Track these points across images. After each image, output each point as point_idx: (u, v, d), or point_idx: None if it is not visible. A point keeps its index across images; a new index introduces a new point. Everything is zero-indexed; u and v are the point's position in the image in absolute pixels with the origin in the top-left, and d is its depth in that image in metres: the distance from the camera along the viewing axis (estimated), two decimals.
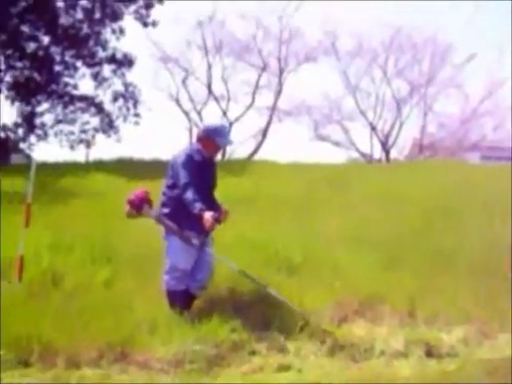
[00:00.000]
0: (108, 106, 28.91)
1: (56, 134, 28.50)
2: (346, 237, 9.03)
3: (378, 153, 36.30)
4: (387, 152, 35.79)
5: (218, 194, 6.70)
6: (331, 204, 11.61)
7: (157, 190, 6.69)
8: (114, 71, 28.78)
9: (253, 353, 5.66)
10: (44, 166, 14.23)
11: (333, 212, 10.77)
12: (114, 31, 28.03)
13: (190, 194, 6.07)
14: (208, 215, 5.95)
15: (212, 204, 6.39)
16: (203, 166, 6.39)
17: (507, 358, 5.35)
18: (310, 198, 12.10)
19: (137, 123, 29.57)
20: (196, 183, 6.15)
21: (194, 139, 6.64)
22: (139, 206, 6.36)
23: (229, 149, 34.76)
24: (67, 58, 27.94)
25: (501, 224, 7.48)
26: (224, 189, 11.33)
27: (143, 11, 27.90)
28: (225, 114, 36.24)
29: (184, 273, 6.27)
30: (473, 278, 7.15)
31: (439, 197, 11.52)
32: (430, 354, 5.74)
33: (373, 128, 36.12)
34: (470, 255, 7.79)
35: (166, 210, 6.35)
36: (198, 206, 6.00)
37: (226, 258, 6.54)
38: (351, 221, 9.87)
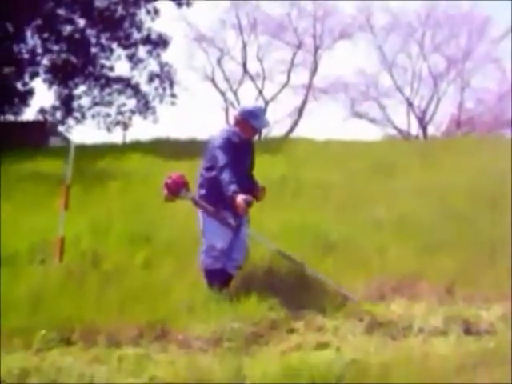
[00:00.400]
0: (144, 87, 29.03)
1: (93, 117, 28.72)
2: (387, 219, 9.00)
3: (414, 129, 36.03)
4: (424, 128, 35.52)
5: (256, 173, 6.72)
6: (371, 185, 11.53)
7: (194, 169, 6.75)
8: (150, 52, 28.83)
9: (291, 331, 5.66)
10: (82, 149, 14.31)
11: (374, 193, 10.71)
12: (148, 12, 28.05)
13: (226, 176, 6.11)
14: (240, 198, 5.98)
15: (250, 184, 6.48)
16: (241, 148, 6.42)
17: None
18: (349, 178, 12.03)
19: (173, 103, 29.66)
20: (233, 165, 6.17)
21: (231, 122, 6.64)
22: (176, 190, 6.44)
23: (265, 128, 34.81)
24: (103, 40, 28.04)
25: None
26: (261, 168, 11.39)
27: None
28: (260, 93, 36.26)
29: (221, 252, 6.32)
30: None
31: (484, 179, 11.34)
32: (468, 331, 5.69)
33: (410, 104, 35.84)
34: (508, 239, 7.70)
35: (202, 192, 6.41)
36: (232, 187, 6.04)
37: (264, 237, 6.57)
38: (393, 204, 9.80)
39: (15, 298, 5.99)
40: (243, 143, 6.49)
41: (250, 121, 6.45)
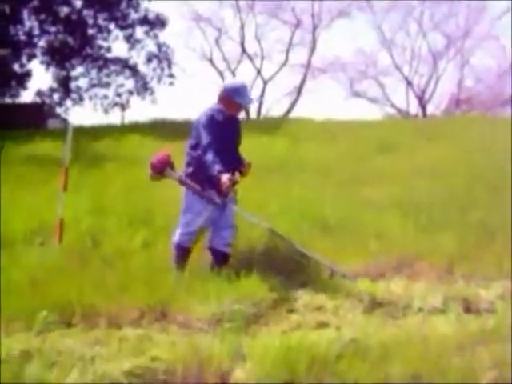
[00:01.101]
0: (142, 67, 29.07)
1: (91, 98, 28.75)
2: (385, 201, 9.00)
3: (414, 108, 35.98)
4: (424, 107, 35.48)
5: (254, 153, 6.74)
6: (371, 164, 11.53)
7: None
8: (147, 32, 28.81)
9: (291, 311, 5.70)
10: (80, 130, 14.34)
11: (374, 173, 10.71)
12: None
13: (210, 156, 6.16)
14: (225, 178, 6.03)
15: (236, 160, 6.56)
16: (225, 125, 6.46)
17: None
18: (348, 160, 12.02)
19: (171, 84, 29.70)
20: (217, 144, 6.24)
21: (216, 99, 6.64)
22: (161, 169, 6.52)
23: (264, 107, 34.82)
24: (100, 21, 28.01)
25: None
26: (261, 147, 11.39)
27: None
28: (259, 72, 36.18)
29: (195, 231, 6.43)
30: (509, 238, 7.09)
31: (484, 158, 11.33)
32: (468, 310, 5.72)
33: (409, 83, 35.79)
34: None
35: (189, 170, 6.48)
36: (216, 167, 6.09)
37: (253, 215, 6.59)
38: (393, 184, 9.80)
39: (15, 280, 6.01)
40: (228, 120, 6.52)
41: (235, 97, 6.48)
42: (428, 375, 4.13)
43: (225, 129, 6.44)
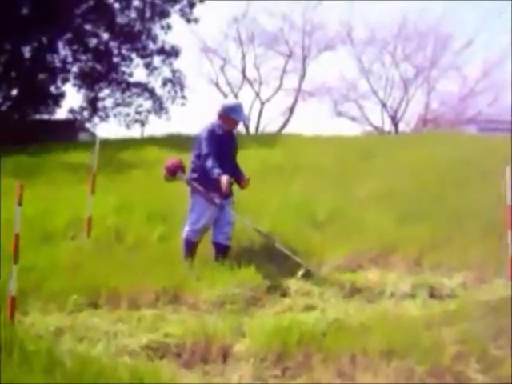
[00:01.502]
0: (158, 90, 28.91)
1: (115, 116, 28.62)
2: (367, 198, 8.99)
3: (388, 126, 35.94)
4: (396, 125, 35.39)
5: (255, 161, 6.74)
6: (356, 171, 11.52)
7: None
8: (163, 61, 28.70)
9: (283, 295, 5.70)
10: (106, 142, 14.26)
11: (357, 178, 10.70)
12: (162, 27, 27.93)
13: (209, 162, 6.23)
14: (224, 179, 6.08)
15: (235, 171, 6.58)
16: (223, 138, 6.51)
17: (501, 299, 5.31)
18: (335, 165, 12.00)
19: (183, 104, 29.52)
20: (216, 153, 6.30)
21: (216, 116, 6.65)
22: (174, 171, 6.61)
23: (262, 125, 34.80)
24: (123, 51, 27.95)
25: (499, 187, 7.33)
26: (260, 157, 11.36)
27: (187, 9, 27.74)
28: (257, 95, 36.10)
29: (203, 227, 6.41)
30: (473, 232, 7.08)
31: (448, 164, 11.33)
32: (433, 295, 5.72)
33: (383, 105, 35.71)
34: (473, 215, 7.70)
35: (194, 175, 6.51)
36: (216, 171, 6.15)
37: (243, 217, 6.61)
38: (373, 185, 9.79)
39: (53, 267, 6.00)
40: (226, 134, 6.56)
41: (231, 115, 6.54)
42: (400, 349, 4.13)
43: (223, 141, 6.48)
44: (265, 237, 6.64)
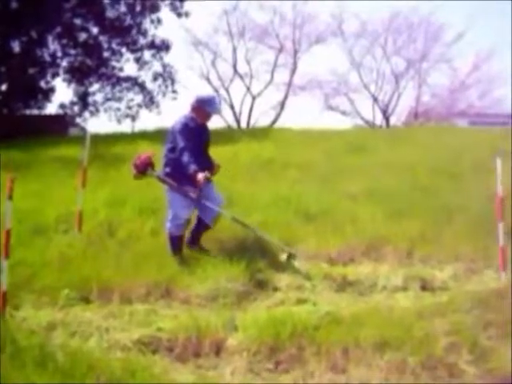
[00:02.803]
0: (149, 84, 28.83)
1: (106, 110, 28.53)
2: (358, 193, 9.01)
3: (379, 120, 35.97)
4: (387, 119, 35.42)
5: (246, 156, 6.73)
6: (345, 163, 11.53)
7: None
8: (154, 55, 28.62)
9: (275, 289, 5.70)
10: (97, 137, 14.18)
11: (347, 170, 10.72)
12: (152, 21, 27.82)
13: (185, 157, 6.19)
14: (200, 176, 6.06)
15: (207, 162, 6.54)
16: (197, 131, 6.48)
17: (491, 290, 5.34)
18: (326, 160, 12.01)
19: (174, 98, 29.51)
20: (191, 147, 6.26)
21: (189, 109, 6.62)
22: (143, 169, 6.52)
23: (253, 119, 34.78)
24: (114, 46, 27.83)
25: (490, 179, 7.34)
26: (251, 151, 11.34)
27: (177, 3, 27.65)
28: (248, 89, 36.00)
29: (185, 220, 6.40)
30: (464, 224, 7.11)
31: (439, 158, 11.37)
32: (424, 288, 5.74)
33: (375, 99, 35.73)
34: (463, 207, 7.73)
35: (167, 170, 6.47)
36: (192, 167, 6.12)
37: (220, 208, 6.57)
38: (364, 180, 9.81)
39: (45, 262, 5.98)
40: (199, 127, 6.53)
41: (205, 107, 6.50)
42: (393, 341, 4.15)
43: (196, 134, 6.45)
44: (244, 226, 6.61)
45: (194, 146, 6.30)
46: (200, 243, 6.60)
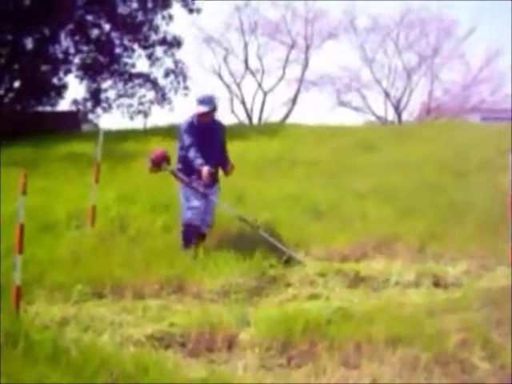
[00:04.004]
0: (161, 81, 28.80)
1: (118, 107, 28.54)
2: (368, 190, 8.98)
3: (391, 116, 35.86)
4: (399, 115, 35.32)
5: (256, 153, 6.74)
6: (355, 160, 11.50)
7: None
8: (166, 51, 28.59)
9: (288, 285, 5.69)
10: (109, 133, 14.24)
11: (357, 167, 10.69)
12: (164, 18, 27.78)
13: (191, 153, 6.43)
14: (205, 169, 6.26)
15: (221, 159, 6.78)
16: (203, 129, 6.60)
17: (503, 287, 5.31)
18: (336, 158, 11.98)
19: (186, 95, 29.44)
20: (198, 143, 6.46)
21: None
22: (158, 163, 6.75)
23: (264, 115, 34.78)
24: (126, 42, 27.84)
25: (502, 176, 7.32)
26: (261, 148, 11.33)
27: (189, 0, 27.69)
28: (260, 85, 36.02)
29: (199, 209, 6.47)
30: (475, 222, 7.07)
31: (451, 155, 11.31)
32: (437, 284, 5.71)
33: (387, 94, 35.63)
34: (475, 204, 7.69)
35: (179, 166, 6.69)
36: (198, 161, 6.34)
37: (227, 204, 6.76)
38: (374, 176, 9.78)
39: (56, 258, 6.01)
40: (207, 125, 6.66)
41: (199, 106, 6.63)
42: (405, 337, 4.13)
43: (203, 131, 6.58)
44: (248, 224, 6.67)
45: (200, 142, 6.49)
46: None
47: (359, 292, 5.53)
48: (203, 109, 6.63)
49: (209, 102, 6.69)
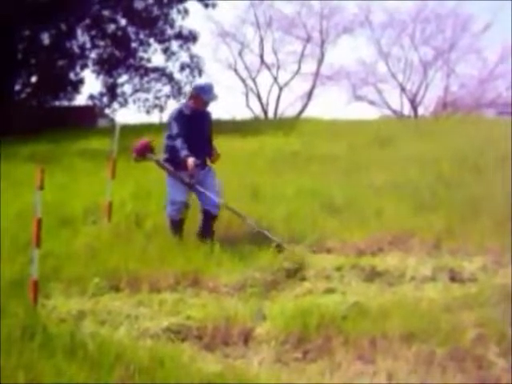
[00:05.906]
0: (177, 75, 28.92)
1: (134, 101, 28.70)
2: (384, 186, 8.95)
3: (407, 110, 35.72)
4: (415, 109, 35.19)
5: (271, 148, 6.74)
6: (371, 155, 11.46)
7: (217, 144, 6.94)
8: (181, 46, 28.68)
9: (303, 279, 5.69)
10: (125, 128, 14.24)
11: (373, 163, 10.65)
12: (179, 12, 27.87)
13: (178, 143, 6.43)
14: (190, 160, 6.27)
15: (206, 148, 6.77)
16: (194, 118, 6.62)
17: None
18: (352, 153, 11.95)
19: None
20: (184, 133, 6.45)
21: (187, 96, 6.89)
22: (143, 152, 6.83)
23: (280, 109, 34.75)
24: (141, 37, 27.96)
25: None
26: (277, 142, 11.33)
27: None
28: (275, 80, 36.04)
29: (181, 204, 6.59)
30: (490, 218, 7.02)
31: (467, 151, 11.23)
32: (453, 279, 5.68)
33: (402, 89, 35.54)
34: (491, 199, 7.64)
35: (165, 156, 6.71)
36: (183, 152, 6.35)
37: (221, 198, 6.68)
38: (390, 171, 9.74)
39: (73, 252, 6.05)
40: (196, 115, 6.67)
41: (201, 95, 6.63)
42: (420, 333, 4.12)
43: (192, 121, 6.59)
44: (236, 214, 6.71)
45: (188, 132, 6.50)
46: (212, 235, 6.59)
47: (375, 287, 5.51)
48: (206, 98, 6.66)
49: (210, 90, 6.73)
